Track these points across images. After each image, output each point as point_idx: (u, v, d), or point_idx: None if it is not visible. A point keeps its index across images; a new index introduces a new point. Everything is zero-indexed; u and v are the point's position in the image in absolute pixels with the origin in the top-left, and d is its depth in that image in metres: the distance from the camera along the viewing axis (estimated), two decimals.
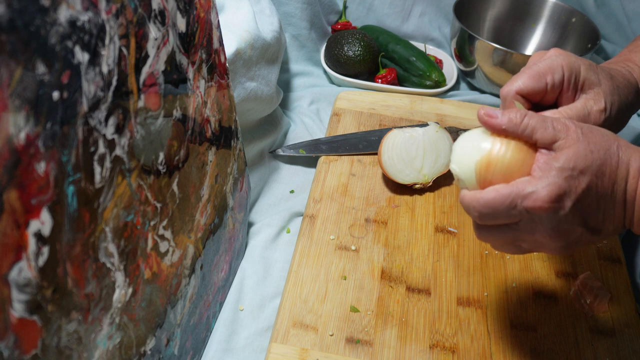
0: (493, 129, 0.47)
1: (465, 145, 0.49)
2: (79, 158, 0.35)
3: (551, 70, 0.52)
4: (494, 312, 0.66)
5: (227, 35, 0.69)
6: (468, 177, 0.48)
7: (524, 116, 0.46)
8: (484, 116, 0.47)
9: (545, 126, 0.45)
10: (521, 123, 0.46)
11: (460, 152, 0.49)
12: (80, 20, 0.34)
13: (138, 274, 0.45)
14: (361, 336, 0.62)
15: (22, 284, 0.32)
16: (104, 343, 0.41)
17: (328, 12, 1.07)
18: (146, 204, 0.45)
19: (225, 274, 0.66)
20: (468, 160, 0.47)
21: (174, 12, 0.46)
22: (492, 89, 1.01)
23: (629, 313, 0.67)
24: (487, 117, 0.47)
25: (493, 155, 0.46)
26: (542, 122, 0.45)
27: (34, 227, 0.32)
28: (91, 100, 0.36)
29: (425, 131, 0.77)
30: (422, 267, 0.70)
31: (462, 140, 0.49)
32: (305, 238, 0.72)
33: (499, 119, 0.46)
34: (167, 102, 0.46)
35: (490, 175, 0.46)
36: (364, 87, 0.99)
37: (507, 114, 0.46)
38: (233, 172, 0.65)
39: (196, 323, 0.59)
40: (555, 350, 0.63)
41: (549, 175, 0.44)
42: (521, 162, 0.46)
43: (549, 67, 0.52)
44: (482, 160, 0.47)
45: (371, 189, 0.79)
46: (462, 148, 0.49)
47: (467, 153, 0.48)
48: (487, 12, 1.09)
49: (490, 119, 0.46)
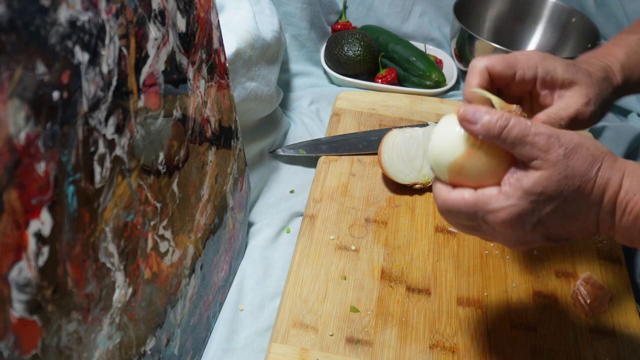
0: (470, 134, 0.46)
1: (442, 140, 0.47)
2: (79, 158, 0.35)
3: (524, 65, 0.52)
4: (494, 312, 0.66)
5: (227, 35, 0.69)
6: (441, 173, 0.47)
7: (503, 128, 0.44)
8: (462, 120, 0.45)
9: (525, 142, 0.43)
10: (499, 135, 0.44)
11: (437, 146, 0.47)
12: (80, 20, 0.34)
13: (138, 274, 0.45)
14: (361, 336, 0.62)
15: (22, 284, 0.32)
16: (104, 343, 0.41)
17: (328, 12, 1.07)
18: (146, 204, 0.45)
19: (225, 274, 0.66)
20: (442, 159, 0.46)
21: (174, 12, 0.46)
22: None
23: (629, 313, 0.67)
24: (465, 122, 0.45)
25: (467, 160, 0.45)
26: (522, 137, 0.43)
27: (34, 227, 0.32)
28: (91, 100, 0.36)
29: (425, 131, 0.77)
30: (422, 267, 0.70)
31: (440, 132, 0.48)
32: (305, 238, 0.72)
33: (477, 126, 0.44)
34: (167, 102, 0.46)
35: (462, 178, 0.46)
36: (364, 87, 0.99)
37: (487, 121, 0.44)
38: (233, 172, 0.65)
39: (196, 323, 0.59)
40: (555, 350, 0.63)
41: (514, 196, 0.44)
42: (494, 168, 0.45)
43: (524, 62, 0.52)
44: (455, 163, 0.46)
45: (371, 189, 0.79)
46: (439, 142, 0.47)
47: (442, 151, 0.47)
48: (487, 12, 1.09)
49: (469, 124, 0.44)
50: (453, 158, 0.46)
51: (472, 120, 0.44)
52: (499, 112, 0.44)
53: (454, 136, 0.46)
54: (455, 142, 0.46)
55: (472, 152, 0.45)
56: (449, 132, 0.47)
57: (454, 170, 0.46)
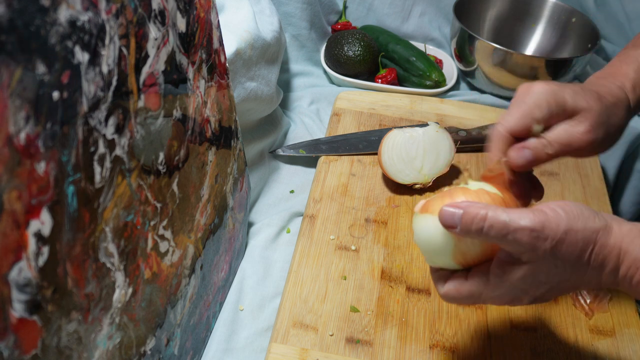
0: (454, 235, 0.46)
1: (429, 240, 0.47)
2: (79, 158, 0.35)
3: (537, 107, 0.51)
4: (494, 312, 0.66)
5: (227, 35, 0.69)
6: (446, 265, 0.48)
7: (481, 229, 0.42)
8: (444, 224, 0.45)
9: (507, 240, 0.42)
10: (479, 234, 0.43)
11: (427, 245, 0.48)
12: (80, 20, 0.34)
13: (138, 274, 0.45)
14: (361, 336, 0.62)
15: (22, 284, 0.32)
16: (104, 343, 0.41)
17: (328, 12, 1.07)
18: (146, 204, 0.45)
19: (225, 274, 0.66)
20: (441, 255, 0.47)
21: (174, 12, 0.46)
22: (492, 89, 1.00)
23: (629, 313, 0.67)
24: (447, 227, 0.45)
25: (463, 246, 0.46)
26: (502, 235, 0.42)
27: (34, 227, 0.32)
28: (91, 100, 0.36)
29: (425, 131, 0.77)
30: (422, 267, 0.69)
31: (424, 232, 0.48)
32: (305, 238, 0.72)
33: (457, 230, 0.44)
34: (167, 102, 0.46)
35: (470, 259, 0.47)
36: (364, 87, 0.99)
37: (464, 225, 0.43)
38: (233, 172, 0.65)
39: (196, 323, 0.59)
40: (555, 350, 0.63)
41: (503, 287, 0.45)
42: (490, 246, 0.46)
43: (535, 104, 0.51)
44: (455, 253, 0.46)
45: (371, 189, 0.79)
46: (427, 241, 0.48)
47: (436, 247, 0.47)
48: (487, 12, 1.09)
49: (451, 228, 0.44)
50: (450, 252, 0.46)
51: (452, 225, 0.44)
52: (475, 209, 0.43)
53: (436, 234, 0.47)
54: (441, 238, 0.46)
55: (461, 238, 0.46)
56: (432, 231, 0.47)
57: (459, 259, 0.47)
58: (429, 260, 0.49)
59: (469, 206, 0.43)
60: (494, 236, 0.42)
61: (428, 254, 0.49)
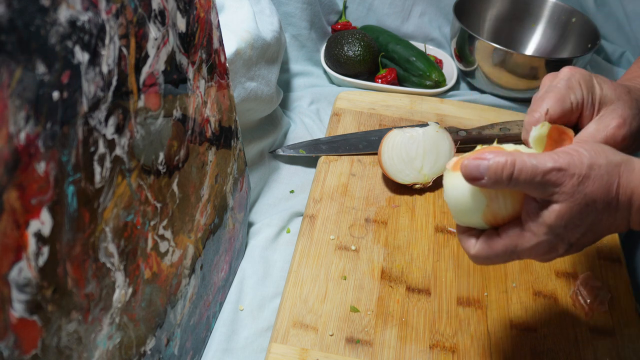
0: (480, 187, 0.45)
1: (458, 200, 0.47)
2: (79, 158, 0.35)
3: (571, 89, 0.49)
4: (494, 312, 0.66)
5: (227, 35, 0.69)
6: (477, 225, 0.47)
7: (510, 175, 0.42)
8: (468, 177, 0.44)
9: (535, 183, 0.42)
10: (509, 182, 0.43)
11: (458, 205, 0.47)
12: (80, 20, 0.34)
13: (138, 274, 0.45)
14: (361, 336, 0.62)
15: (22, 284, 0.32)
16: (104, 343, 0.41)
17: (328, 12, 1.07)
18: (146, 204, 0.45)
19: (225, 274, 0.66)
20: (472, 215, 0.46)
21: (174, 12, 0.46)
22: (492, 89, 1.01)
23: (629, 313, 0.67)
24: (472, 179, 0.44)
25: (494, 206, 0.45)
26: (531, 179, 0.42)
27: (34, 227, 0.32)
28: (91, 100, 0.36)
29: (425, 131, 0.77)
30: (422, 267, 0.70)
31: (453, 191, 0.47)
32: (305, 238, 0.72)
33: (484, 180, 0.43)
34: (167, 102, 0.46)
35: (500, 219, 0.46)
36: (364, 87, 0.99)
37: (493, 173, 0.43)
38: (233, 172, 0.65)
39: (196, 323, 0.59)
40: (555, 350, 0.63)
41: (540, 232, 0.44)
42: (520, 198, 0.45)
43: (569, 87, 0.49)
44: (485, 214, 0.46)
45: (371, 189, 0.79)
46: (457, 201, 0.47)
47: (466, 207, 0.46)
48: (487, 12, 1.09)
49: (475, 181, 0.44)
50: (481, 212, 0.46)
51: (478, 177, 0.44)
52: (501, 158, 0.43)
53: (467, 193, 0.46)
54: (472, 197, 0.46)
55: (493, 197, 0.45)
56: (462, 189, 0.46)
57: (489, 219, 0.46)
58: (457, 219, 0.48)
59: (496, 155, 0.43)
60: (524, 181, 0.42)
61: (457, 212, 0.47)
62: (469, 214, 0.47)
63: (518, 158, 0.43)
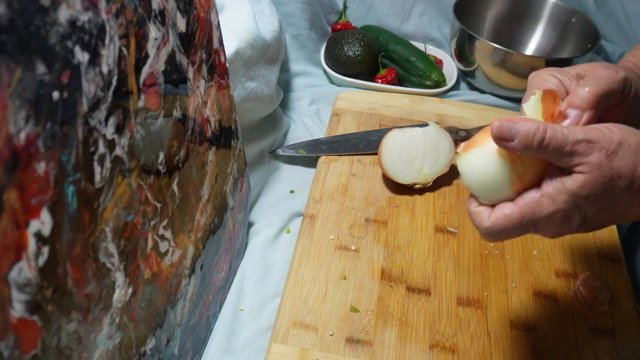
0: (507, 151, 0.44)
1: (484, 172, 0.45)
2: (79, 158, 0.35)
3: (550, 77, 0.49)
4: (494, 312, 0.66)
5: (227, 35, 0.69)
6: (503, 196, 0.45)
7: (541, 140, 0.42)
8: (498, 138, 0.44)
9: (564, 152, 0.42)
10: (539, 148, 0.42)
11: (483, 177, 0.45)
12: (80, 20, 0.34)
13: (138, 274, 0.45)
14: (361, 336, 0.62)
15: (22, 284, 0.32)
16: (104, 343, 0.41)
17: (328, 12, 1.07)
18: (146, 204, 0.45)
19: (225, 274, 0.66)
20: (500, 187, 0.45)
21: (174, 12, 0.46)
22: (492, 89, 1.01)
23: (629, 313, 0.67)
24: (502, 141, 0.43)
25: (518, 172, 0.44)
26: (560, 148, 0.42)
27: (34, 227, 0.32)
28: (91, 100, 0.36)
29: (425, 131, 0.77)
30: (422, 267, 0.70)
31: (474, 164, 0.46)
32: (305, 238, 0.72)
33: (513, 143, 0.43)
34: (167, 102, 0.46)
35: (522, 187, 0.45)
36: (364, 87, 0.99)
37: (524, 137, 0.42)
38: (233, 172, 0.65)
39: (196, 323, 0.59)
40: (555, 350, 0.63)
41: (560, 199, 0.43)
42: (541, 167, 0.44)
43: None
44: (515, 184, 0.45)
45: (371, 189, 0.79)
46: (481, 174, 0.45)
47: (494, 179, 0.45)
48: (487, 12, 1.09)
49: (505, 142, 0.43)
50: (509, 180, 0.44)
51: (509, 138, 0.43)
52: (534, 124, 0.43)
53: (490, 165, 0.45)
54: (496, 169, 0.45)
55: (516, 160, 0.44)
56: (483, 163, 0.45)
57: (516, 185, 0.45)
58: (483, 198, 0.46)
59: (527, 120, 0.43)
60: (553, 149, 0.42)
61: (482, 190, 0.46)
62: (495, 187, 0.45)
63: (550, 126, 0.43)
